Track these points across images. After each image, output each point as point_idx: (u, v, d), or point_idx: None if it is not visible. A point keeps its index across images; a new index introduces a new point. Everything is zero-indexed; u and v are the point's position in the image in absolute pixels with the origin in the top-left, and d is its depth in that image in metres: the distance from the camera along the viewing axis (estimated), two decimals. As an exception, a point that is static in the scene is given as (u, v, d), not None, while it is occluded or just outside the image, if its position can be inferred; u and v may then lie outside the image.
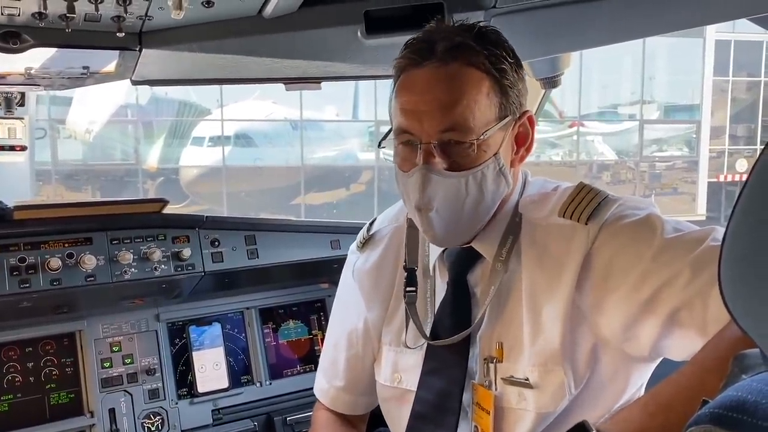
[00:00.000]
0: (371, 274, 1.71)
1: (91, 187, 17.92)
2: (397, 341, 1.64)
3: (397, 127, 1.43)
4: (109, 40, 1.65)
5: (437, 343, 1.51)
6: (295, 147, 18.39)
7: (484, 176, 1.39)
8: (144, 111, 18.25)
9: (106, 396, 2.28)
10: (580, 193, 1.44)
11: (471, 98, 1.36)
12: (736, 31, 19.57)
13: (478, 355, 1.50)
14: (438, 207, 1.39)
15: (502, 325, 1.48)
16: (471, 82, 1.37)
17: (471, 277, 1.54)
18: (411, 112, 1.39)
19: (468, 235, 1.48)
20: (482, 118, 1.37)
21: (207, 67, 1.93)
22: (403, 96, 1.41)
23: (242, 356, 2.51)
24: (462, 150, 1.37)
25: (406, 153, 1.42)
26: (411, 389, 1.58)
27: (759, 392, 0.74)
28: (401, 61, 1.43)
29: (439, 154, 1.37)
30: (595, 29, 1.77)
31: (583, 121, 20.57)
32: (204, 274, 2.33)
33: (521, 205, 1.52)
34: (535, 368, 1.41)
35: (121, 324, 2.36)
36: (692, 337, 1.25)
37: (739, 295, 0.70)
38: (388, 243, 1.71)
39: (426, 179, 1.37)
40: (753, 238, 0.67)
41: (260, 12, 1.66)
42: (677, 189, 21.39)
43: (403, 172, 1.44)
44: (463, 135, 1.36)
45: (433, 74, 1.37)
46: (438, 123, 1.36)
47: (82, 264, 2.14)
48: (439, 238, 1.47)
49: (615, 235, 1.37)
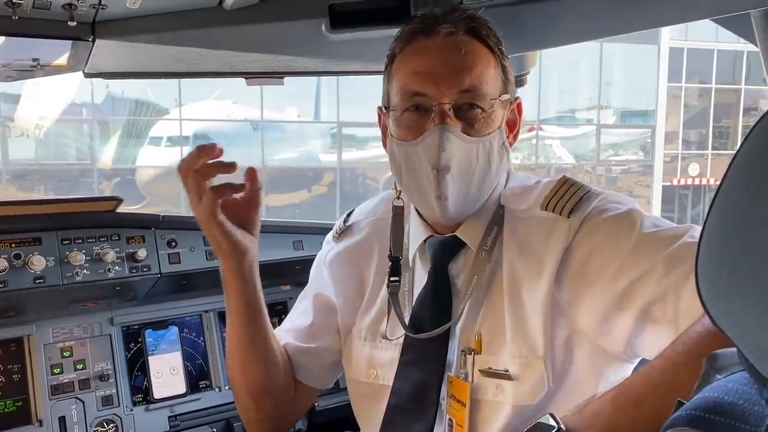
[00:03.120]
0: (347, 261, 1.68)
1: (44, 187, 17.46)
2: (372, 336, 1.61)
3: (406, 91, 1.41)
4: (61, 30, 1.58)
5: (419, 336, 1.48)
6: (256, 148, 18.24)
7: (491, 146, 1.42)
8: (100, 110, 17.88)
9: (56, 403, 2.18)
10: (563, 187, 1.44)
11: (483, 67, 1.40)
12: (689, 39, 20.20)
13: (456, 346, 1.48)
14: (454, 169, 1.38)
15: (483, 316, 1.46)
16: (481, 54, 1.41)
17: (453, 267, 1.52)
18: (426, 74, 1.38)
19: (470, 208, 1.47)
20: (493, 88, 1.41)
21: (164, 59, 1.87)
22: (415, 59, 1.41)
23: (200, 361, 2.44)
24: (475, 115, 1.39)
25: (414, 119, 1.41)
26: (387, 384, 1.55)
27: (735, 393, 0.73)
28: (412, 27, 1.43)
29: (453, 117, 1.38)
30: (562, 27, 1.77)
31: (542, 126, 20.94)
32: (160, 275, 2.25)
33: (503, 197, 1.52)
34: (516, 360, 1.39)
35: (72, 328, 2.26)
36: (664, 332, 1.25)
37: (717, 295, 0.68)
38: (365, 235, 1.68)
39: (446, 138, 1.35)
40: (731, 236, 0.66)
41: (221, 3, 1.60)
42: (633, 192, 21.91)
43: (406, 141, 1.41)
44: (479, 98, 1.39)
45: (447, 41, 1.39)
46: (457, 84, 1.37)
47: (30, 265, 2.04)
48: (451, 206, 1.42)
49: (595, 229, 1.37)
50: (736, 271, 0.65)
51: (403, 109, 1.42)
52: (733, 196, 0.67)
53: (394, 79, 1.44)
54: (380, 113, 1.54)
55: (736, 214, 0.66)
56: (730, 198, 0.67)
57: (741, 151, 0.67)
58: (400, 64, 1.43)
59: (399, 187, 1.57)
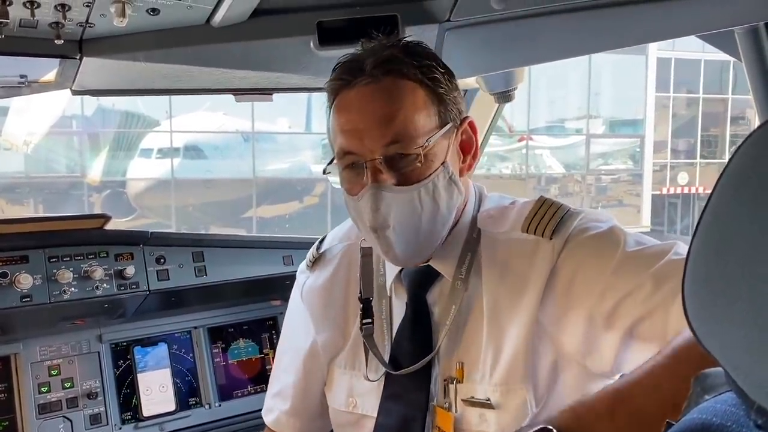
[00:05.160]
0: (322, 294, 1.65)
1: (34, 201, 17.35)
2: (351, 365, 1.59)
3: (339, 149, 1.38)
4: (48, 48, 1.56)
5: (400, 372, 1.46)
6: (247, 159, 18.20)
7: (435, 187, 1.37)
8: (90, 122, 17.80)
9: (43, 423, 2.15)
10: (542, 208, 1.42)
11: (408, 109, 1.34)
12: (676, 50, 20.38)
13: (437, 376, 1.46)
14: (394, 224, 1.35)
15: (463, 344, 1.44)
16: (405, 94, 1.35)
17: (429, 297, 1.51)
18: (350, 131, 1.36)
19: (429, 250, 1.44)
20: (423, 128, 1.35)
21: (153, 77, 1.86)
22: (340, 117, 1.38)
23: (190, 377, 2.42)
24: (409, 162, 1.34)
25: (352, 176, 1.39)
26: (368, 414, 1.53)
27: (724, 414, 0.73)
28: (333, 83, 1.40)
29: (387, 170, 1.34)
30: (549, 44, 1.78)
31: (532, 135, 21.03)
32: (149, 292, 2.24)
33: (479, 220, 1.49)
34: (497, 388, 1.38)
35: (60, 346, 2.24)
36: (653, 351, 1.23)
37: (704, 315, 0.68)
38: (340, 262, 1.66)
39: (378, 197, 1.33)
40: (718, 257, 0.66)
41: (209, 21, 1.60)
42: (622, 201, 22.02)
43: (352, 196, 1.40)
44: (407, 146, 1.33)
45: (366, 91, 1.35)
46: (380, 137, 1.33)
47: (17, 284, 2.02)
48: (401, 257, 1.41)
49: (579, 249, 1.36)
50: (722, 291, 0.65)
51: (342, 165, 1.40)
52: (720, 215, 0.67)
53: (331, 133, 1.43)
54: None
55: (722, 233, 0.66)
56: (717, 217, 0.67)
57: (727, 170, 0.67)
58: (332, 119, 1.41)
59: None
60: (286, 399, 1.71)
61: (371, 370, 1.53)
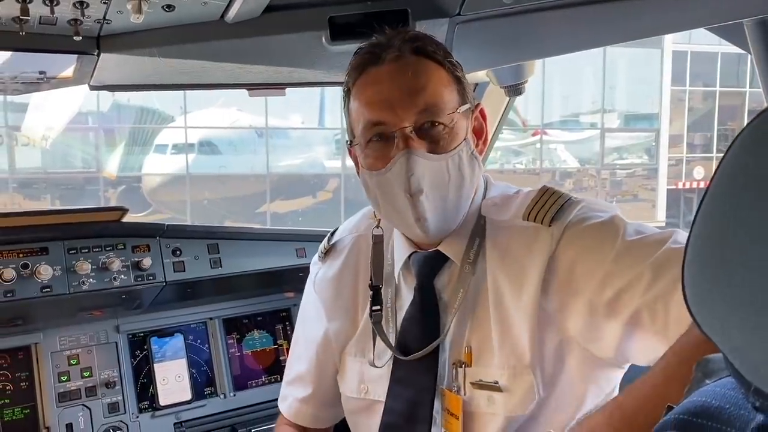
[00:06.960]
0: (333, 284, 1.69)
1: (51, 196, 17.53)
2: (362, 352, 1.62)
3: (366, 122, 1.42)
4: (66, 44, 1.61)
5: (408, 358, 1.49)
6: (261, 155, 18.26)
7: (461, 159, 1.42)
8: (105, 118, 17.94)
9: (63, 411, 2.20)
10: (544, 196, 1.45)
11: (436, 84, 1.41)
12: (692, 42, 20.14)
13: (447, 360, 1.49)
14: (427, 190, 1.39)
15: (471, 328, 1.47)
16: (432, 71, 1.42)
17: (438, 282, 1.53)
18: (381, 101, 1.40)
19: (452, 223, 1.47)
20: (449, 102, 1.41)
21: (168, 72, 1.89)
22: (367, 90, 1.42)
23: (205, 368, 2.46)
24: (438, 133, 1.39)
25: (379, 148, 1.42)
26: (379, 400, 1.56)
27: (723, 397, 0.75)
28: (360, 58, 1.44)
29: (417, 139, 1.38)
30: (559, 37, 1.79)
31: (546, 130, 20.90)
32: (165, 284, 2.27)
33: (484, 207, 1.52)
34: (505, 371, 1.40)
35: (79, 336, 2.29)
36: (654, 340, 1.26)
37: (703, 301, 0.70)
38: (350, 252, 1.69)
39: (412, 162, 1.36)
40: (716, 243, 0.68)
41: (223, 16, 1.63)
42: (638, 196, 21.85)
43: (376, 171, 1.42)
44: (438, 115, 1.39)
45: (395, 66, 1.40)
46: (412, 105, 1.38)
47: (38, 275, 2.07)
48: (431, 226, 1.43)
49: (578, 237, 1.38)
50: (720, 277, 0.66)
51: (366, 140, 1.43)
52: (718, 203, 0.68)
53: (353, 112, 1.46)
54: (348, 147, 1.54)
55: (721, 221, 0.67)
56: (716, 205, 0.69)
57: (725, 160, 0.69)
58: (355, 97, 1.45)
59: (378, 215, 1.59)
60: (300, 387, 1.75)
61: (378, 356, 1.56)
